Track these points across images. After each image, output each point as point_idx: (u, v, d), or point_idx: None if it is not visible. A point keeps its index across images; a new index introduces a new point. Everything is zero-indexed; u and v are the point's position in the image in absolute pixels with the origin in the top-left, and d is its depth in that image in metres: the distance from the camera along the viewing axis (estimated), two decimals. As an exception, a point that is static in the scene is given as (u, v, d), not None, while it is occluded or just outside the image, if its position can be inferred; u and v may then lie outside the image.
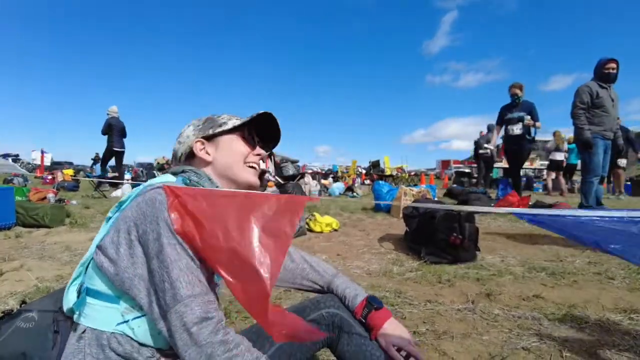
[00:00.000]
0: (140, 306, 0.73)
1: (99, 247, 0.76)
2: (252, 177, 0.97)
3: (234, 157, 0.95)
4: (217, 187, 0.91)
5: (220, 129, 0.95)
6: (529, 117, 5.98)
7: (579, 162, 12.72)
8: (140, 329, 0.74)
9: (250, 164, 0.98)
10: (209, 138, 0.95)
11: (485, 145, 9.72)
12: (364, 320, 0.99)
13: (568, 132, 9.85)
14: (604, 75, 4.69)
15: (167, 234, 0.70)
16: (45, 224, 4.15)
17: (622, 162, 8.82)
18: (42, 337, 1.10)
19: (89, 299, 0.76)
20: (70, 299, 0.78)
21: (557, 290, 2.21)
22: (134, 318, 0.74)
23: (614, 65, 4.62)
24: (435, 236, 2.75)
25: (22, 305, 1.31)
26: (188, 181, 0.88)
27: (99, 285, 0.75)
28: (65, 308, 0.78)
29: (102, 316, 0.74)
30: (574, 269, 2.59)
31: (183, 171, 0.91)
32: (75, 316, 0.77)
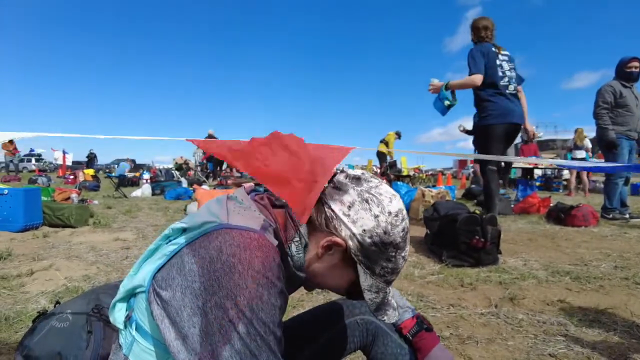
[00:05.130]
0: None
1: (156, 292, 0.63)
2: (308, 291, 0.86)
3: (333, 284, 0.78)
4: (300, 278, 0.76)
5: (360, 269, 0.71)
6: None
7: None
8: None
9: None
10: (345, 254, 0.71)
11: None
12: (410, 338, 0.96)
13: (591, 131, 9.51)
14: (626, 75, 4.60)
15: (244, 320, 0.56)
16: (71, 224, 4.26)
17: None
18: (76, 337, 1.14)
19: (136, 336, 0.68)
20: (116, 318, 0.72)
21: (582, 295, 2.17)
22: None
23: (636, 64, 4.53)
24: (457, 239, 2.73)
25: (56, 305, 1.36)
26: (270, 228, 0.69)
27: (148, 327, 0.66)
28: (111, 320, 0.73)
29: (148, 357, 0.67)
30: (599, 273, 2.54)
31: (294, 221, 0.73)
32: (121, 339, 0.71)
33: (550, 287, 2.30)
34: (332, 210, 0.70)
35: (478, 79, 3.64)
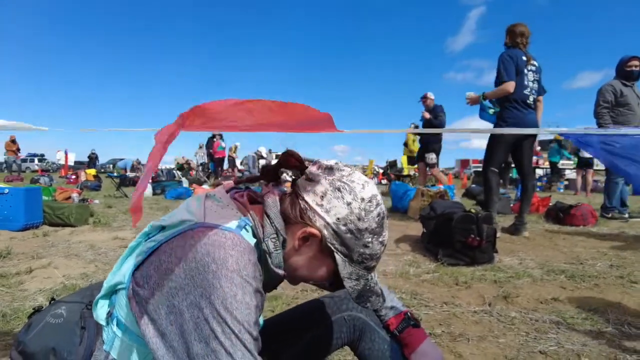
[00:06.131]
0: None
1: (135, 290, 0.65)
2: (297, 285, 0.84)
3: (308, 274, 0.76)
4: (279, 275, 0.74)
5: (337, 258, 0.70)
6: None
7: (561, 161, 12.38)
8: None
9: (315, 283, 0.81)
10: (322, 245, 0.71)
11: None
12: (398, 334, 0.95)
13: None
14: (626, 74, 4.60)
15: (219, 319, 0.57)
16: (71, 223, 4.29)
17: (430, 157, 7.01)
18: (70, 332, 1.16)
19: (118, 332, 0.69)
20: (99, 315, 0.73)
21: (576, 293, 2.17)
22: None
23: (636, 62, 4.52)
24: (453, 238, 2.74)
25: (52, 302, 1.38)
26: (249, 227, 0.69)
27: (129, 323, 0.67)
28: (94, 317, 0.74)
29: (128, 353, 0.69)
30: (595, 272, 2.54)
31: (269, 216, 0.72)
32: (104, 335, 0.72)
33: (545, 285, 2.31)
34: (306, 202, 0.71)
35: (510, 86, 3.62)
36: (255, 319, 0.61)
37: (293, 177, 0.79)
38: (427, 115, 6.73)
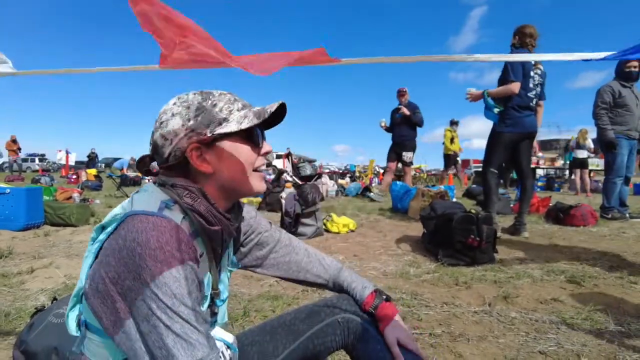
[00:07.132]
0: None
1: (86, 289, 0.69)
2: (260, 184, 0.84)
3: (241, 167, 0.79)
4: (213, 206, 0.77)
5: (221, 130, 0.75)
6: None
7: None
8: None
9: (258, 169, 0.83)
10: (207, 143, 0.76)
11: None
12: (373, 312, 0.97)
13: (593, 132, 9.41)
14: (625, 74, 4.61)
15: (152, 295, 0.62)
16: (71, 223, 4.31)
17: (408, 155, 7.13)
18: (72, 332, 1.17)
19: (89, 334, 0.72)
20: (70, 327, 0.76)
21: (576, 294, 2.18)
22: None
23: (636, 63, 4.53)
24: (453, 238, 2.75)
25: (53, 302, 1.39)
26: (172, 205, 0.74)
27: (93, 321, 0.70)
28: (68, 330, 0.77)
29: (103, 352, 0.71)
30: (594, 272, 2.55)
31: (173, 185, 0.76)
32: (78, 343, 0.76)
33: (545, 286, 2.32)
34: (166, 155, 0.76)
35: (516, 87, 3.58)
36: (187, 290, 0.65)
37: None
38: (407, 112, 6.81)
